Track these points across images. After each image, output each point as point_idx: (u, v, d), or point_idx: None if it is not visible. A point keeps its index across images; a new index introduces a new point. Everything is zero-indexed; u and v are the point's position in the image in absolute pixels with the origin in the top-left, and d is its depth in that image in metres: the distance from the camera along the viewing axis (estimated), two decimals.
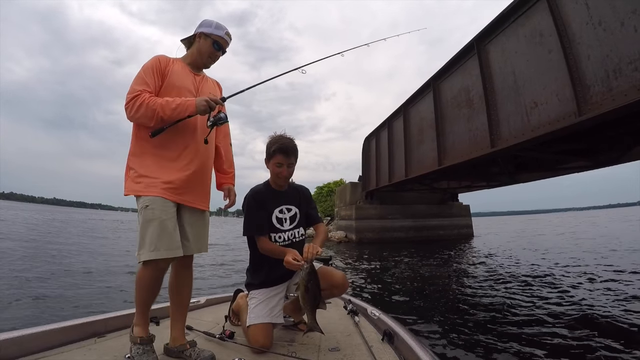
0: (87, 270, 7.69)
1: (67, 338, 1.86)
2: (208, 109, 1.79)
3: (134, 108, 1.68)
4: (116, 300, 5.20)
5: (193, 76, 1.98)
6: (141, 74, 1.78)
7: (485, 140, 6.93)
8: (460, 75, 8.10)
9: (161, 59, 1.88)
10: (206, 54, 1.97)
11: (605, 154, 7.58)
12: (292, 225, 2.24)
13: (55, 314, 4.41)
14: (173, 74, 1.87)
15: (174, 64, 1.90)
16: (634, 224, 29.24)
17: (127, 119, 1.75)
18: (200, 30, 1.95)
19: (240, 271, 8.19)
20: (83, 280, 6.62)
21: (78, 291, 5.75)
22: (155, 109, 1.69)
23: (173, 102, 1.73)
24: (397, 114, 12.64)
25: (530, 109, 5.74)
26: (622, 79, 4.20)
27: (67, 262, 8.76)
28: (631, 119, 5.40)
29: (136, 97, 1.69)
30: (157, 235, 1.63)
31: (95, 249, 12.14)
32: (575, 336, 3.84)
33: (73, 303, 5.03)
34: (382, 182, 14.70)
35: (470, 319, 4.54)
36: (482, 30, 6.95)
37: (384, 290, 6.56)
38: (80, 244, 13.49)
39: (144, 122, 1.73)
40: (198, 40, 1.97)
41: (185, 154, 1.82)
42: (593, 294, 5.80)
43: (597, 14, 4.53)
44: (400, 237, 17.87)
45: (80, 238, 16.24)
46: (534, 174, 10.81)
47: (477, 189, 15.34)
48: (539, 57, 5.56)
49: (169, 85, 1.84)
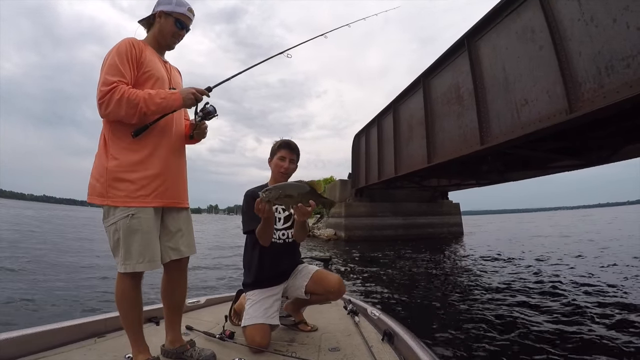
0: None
1: (67, 338, 1.87)
2: (195, 102, 1.69)
3: (112, 103, 1.48)
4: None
5: (163, 64, 1.80)
6: (115, 61, 1.54)
7: (475, 138, 6.84)
8: (450, 72, 8.00)
9: (134, 43, 1.64)
10: (169, 34, 1.78)
11: (595, 152, 7.57)
12: (285, 225, 2.27)
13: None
14: (149, 61, 1.67)
15: (146, 49, 1.69)
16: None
17: (100, 115, 1.55)
18: (160, 8, 1.75)
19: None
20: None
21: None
22: (138, 104, 1.51)
23: (157, 96, 1.57)
24: (386, 111, 12.52)
25: (521, 106, 5.66)
26: (614, 76, 4.12)
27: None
28: (622, 118, 5.36)
29: (112, 89, 1.48)
30: (145, 246, 1.56)
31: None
32: (576, 333, 3.87)
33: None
34: (372, 180, 14.61)
35: (470, 319, 4.53)
36: (473, 27, 6.84)
37: (378, 289, 6.54)
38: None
39: (123, 119, 1.54)
40: (158, 20, 1.76)
41: (160, 153, 1.66)
42: (594, 293, 5.83)
43: (589, 10, 4.44)
44: (390, 235, 17.80)
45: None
46: (524, 173, 10.82)
47: (467, 187, 15.34)
48: (530, 54, 5.48)
49: (146, 76, 1.64)
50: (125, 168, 1.56)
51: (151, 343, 1.72)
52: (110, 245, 1.59)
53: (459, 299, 5.68)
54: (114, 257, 1.59)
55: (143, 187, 1.58)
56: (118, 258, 1.56)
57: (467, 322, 4.37)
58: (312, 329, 2.30)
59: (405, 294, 6.11)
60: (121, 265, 1.55)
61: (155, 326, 2.22)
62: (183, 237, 1.78)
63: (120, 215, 1.54)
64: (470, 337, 3.91)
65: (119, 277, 1.59)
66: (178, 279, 1.82)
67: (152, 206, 1.61)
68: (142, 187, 1.58)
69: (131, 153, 1.58)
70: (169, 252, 1.72)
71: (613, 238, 16.41)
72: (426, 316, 4.72)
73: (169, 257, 1.71)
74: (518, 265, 9.17)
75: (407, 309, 5.16)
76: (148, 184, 1.60)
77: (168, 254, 1.71)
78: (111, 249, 1.59)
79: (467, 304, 5.33)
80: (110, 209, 1.55)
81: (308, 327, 2.31)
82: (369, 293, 6.25)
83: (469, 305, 5.23)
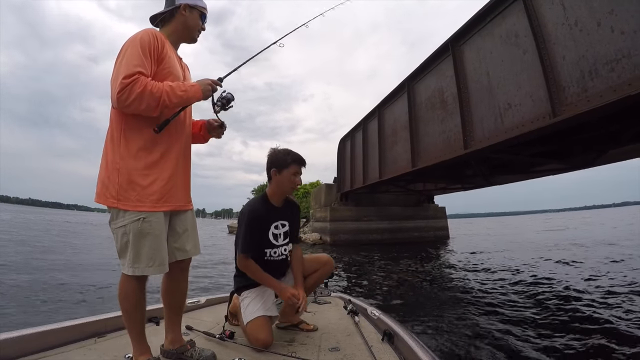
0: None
1: (67, 338, 1.86)
2: (211, 93, 1.67)
3: (132, 95, 1.38)
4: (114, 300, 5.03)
5: (179, 60, 1.75)
6: (137, 51, 1.46)
7: (459, 142, 6.78)
8: (435, 76, 7.94)
9: (157, 35, 1.57)
10: (195, 27, 1.76)
11: (580, 156, 7.62)
12: (285, 240, 2.29)
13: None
14: (169, 58, 1.62)
15: (166, 44, 1.63)
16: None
17: (118, 108, 1.45)
18: (184, 1, 1.69)
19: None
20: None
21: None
22: (160, 96, 1.44)
23: (178, 88, 1.52)
24: (371, 115, 12.46)
25: (504, 110, 5.60)
26: (598, 80, 4.07)
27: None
28: (606, 122, 5.36)
29: (134, 81, 1.39)
30: (155, 250, 1.53)
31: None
32: (576, 333, 3.88)
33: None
34: (357, 184, 14.52)
35: (470, 318, 4.58)
36: (458, 31, 6.79)
37: (369, 292, 6.54)
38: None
39: (142, 112, 1.46)
40: (183, 13, 1.70)
41: (172, 155, 1.63)
42: (595, 292, 5.90)
43: (573, 15, 4.40)
44: (376, 239, 17.71)
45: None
46: (509, 177, 10.90)
47: (453, 191, 15.39)
48: (514, 58, 5.43)
49: (164, 72, 1.57)
50: (138, 170, 1.51)
51: (151, 343, 1.69)
52: (117, 247, 1.55)
53: (458, 299, 5.74)
54: (120, 258, 1.55)
55: (155, 192, 1.54)
56: (125, 260, 1.52)
57: (467, 322, 4.40)
58: (312, 328, 2.31)
59: (397, 296, 6.15)
60: (129, 267, 1.51)
61: (155, 326, 2.22)
62: (189, 238, 1.76)
63: (130, 219, 1.49)
64: (470, 337, 3.91)
65: (124, 278, 1.56)
66: (180, 279, 1.79)
67: (163, 210, 1.58)
68: (154, 191, 1.54)
69: (144, 154, 1.53)
70: (175, 252, 1.70)
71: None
72: (426, 316, 4.74)
73: (175, 258, 1.69)
74: (512, 267, 9.20)
75: (403, 310, 5.17)
76: (160, 188, 1.56)
77: (174, 254, 1.69)
78: (117, 250, 1.55)
79: (467, 303, 5.38)
80: (120, 211, 1.51)
81: (308, 326, 2.32)
82: (359, 295, 6.20)
83: (468, 305, 5.27)
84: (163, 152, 1.58)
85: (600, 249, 12.61)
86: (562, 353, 3.43)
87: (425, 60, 8.22)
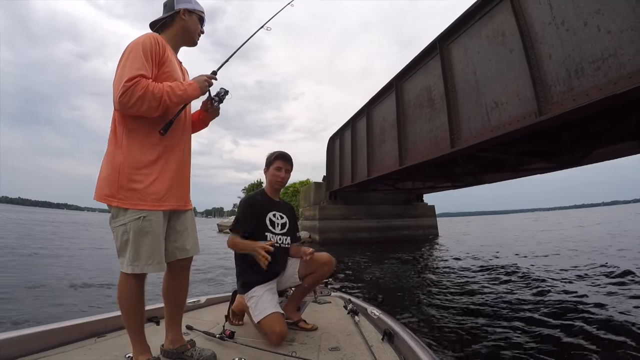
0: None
1: (67, 338, 1.87)
2: (208, 88, 1.73)
3: (134, 97, 1.43)
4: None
5: (179, 64, 1.80)
6: (139, 55, 1.51)
7: (446, 141, 6.77)
8: (423, 75, 7.91)
9: (159, 40, 1.62)
10: (195, 31, 1.83)
11: (567, 155, 7.67)
12: (282, 230, 2.45)
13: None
14: (170, 62, 1.66)
15: (167, 48, 1.67)
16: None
17: (120, 110, 1.50)
18: (183, 6, 1.76)
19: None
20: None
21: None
22: (161, 97, 1.49)
23: (177, 88, 1.56)
24: (360, 114, 12.42)
25: (491, 109, 5.60)
26: (584, 79, 4.07)
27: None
28: (592, 120, 5.39)
29: (135, 83, 1.43)
30: (154, 248, 1.56)
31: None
32: (576, 333, 3.86)
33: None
34: (346, 182, 14.48)
35: (470, 318, 4.57)
36: (445, 30, 6.76)
37: (363, 290, 6.53)
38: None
39: (143, 113, 1.50)
40: (182, 17, 1.76)
41: (173, 155, 1.66)
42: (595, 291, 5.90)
43: (560, 14, 4.40)
44: (365, 237, 17.72)
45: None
46: (497, 175, 10.97)
47: (442, 190, 15.44)
48: (501, 57, 5.43)
49: (165, 76, 1.62)
50: (139, 170, 1.54)
51: (151, 343, 1.70)
52: (116, 245, 1.57)
53: (457, 299, 5.72)
54: (119, 257, 1.57)
55: (156, 191, 1.57)
56: (124, 259, 1.54)
57: (466, 322, 4.39)
58: (312, 328, 2.34)
59: (391, 295, 6.18)
60: (128, 266, 1.53)
61: (155, 326, 2.23)
62: (189, 237, 1.79)
63: (131, 217, 1.52)
64: (470, 336, 3.91)
65: (123, 277, 1.58)
66: (181, 279, 1.81)
67: (163, 209, 1.60)
68: (155, 191, 1.57)
69: (146, 154, 1.57)
70: (175, 251, 1.72)
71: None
72: (426, 316, 4.73)
73: (175, 257, 1.72)
74: (511, 267, 9.11)
75: (402, 310, 5.14)
76: (161, 187, 1.59)
77: (175, 254, 1.72)
78: (117, 249, 1.57)
79: (466, 304, 5.36)
80: (121, 210, 1.53)
81: (308, 325, 2.35)
82: (352, 294, 6.15)
83: (468, 305, 5.27)
84: (164, 152, 1.62)
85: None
86: (562, 353, 3.41)
87: (414, 59, 8.19)
